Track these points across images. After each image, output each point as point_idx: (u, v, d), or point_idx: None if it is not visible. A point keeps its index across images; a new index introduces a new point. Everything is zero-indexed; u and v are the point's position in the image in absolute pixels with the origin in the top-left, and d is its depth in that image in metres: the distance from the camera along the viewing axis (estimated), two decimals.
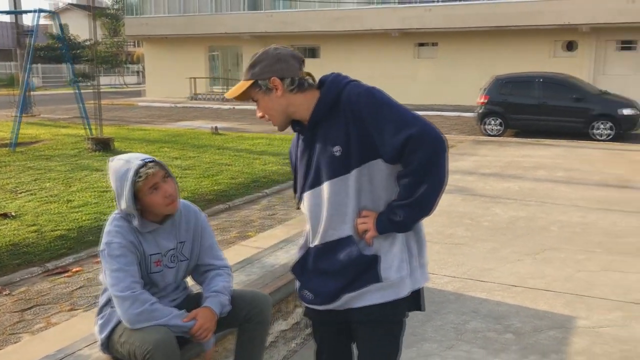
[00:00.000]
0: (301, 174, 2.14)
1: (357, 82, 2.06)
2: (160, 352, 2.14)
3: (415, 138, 1.88)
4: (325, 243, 2.09)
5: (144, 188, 2.28)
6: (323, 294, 2.11)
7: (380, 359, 2.11)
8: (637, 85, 21.48)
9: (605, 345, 3.54)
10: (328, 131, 2.03)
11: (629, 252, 5.32)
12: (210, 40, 29.90)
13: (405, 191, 1.95)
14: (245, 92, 2.06)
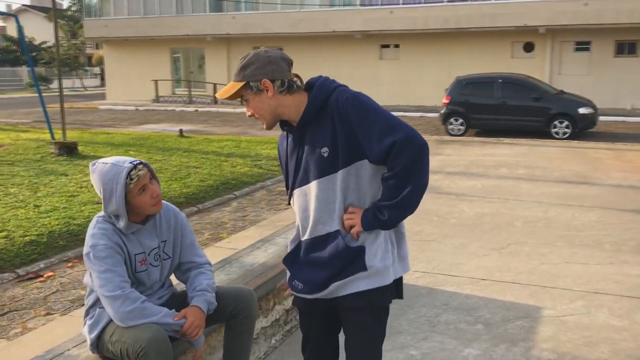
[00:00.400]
0: (291, 172, 2.25)
1: (344, 87, 2.17)
2: (153, 350, 2.21)
3: (400, 144, 2.02)
4: (314, 237, 2.22)
5: (134, 190, 2.35)
6: (312, 283, 2.24)
7: (367, 342, 2.23)
8: (592, 85, 22.23)
9: (570, 333, 3.74)
10: (316, 132, 2.14)
11: (589, 244, 5.57)
12: (173, 42, 29.66)
13: (390, 192, 2.08)
14: (237, 92, 2.14)
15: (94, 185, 2.43)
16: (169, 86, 29.79)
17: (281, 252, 3.88)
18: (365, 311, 2.21)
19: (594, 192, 7.86)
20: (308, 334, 2.43)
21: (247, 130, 17.20)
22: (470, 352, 3.50)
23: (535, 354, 3.47)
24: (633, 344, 3.57)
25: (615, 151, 11.62)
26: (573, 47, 22.93)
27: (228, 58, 28.72)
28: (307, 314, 2.40)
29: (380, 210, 2.10)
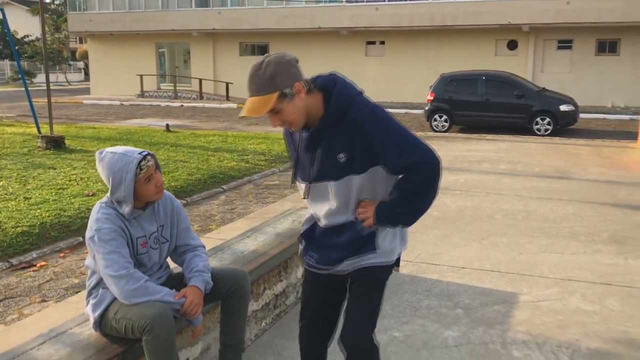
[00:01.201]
0: (306, 166, 2.37)
1: (362, 98, 2.27)
2: (158, 325, 2.36)
3: (418, 165, 2.23)
4: (329, 226, 2.43)
5: (142, 179, 2.51)
6: (326, 260, 2.47)
7: (367, 302, 2.45)
8: (573, 82, 22.62)
9: (544, 317, 3.95)
10: (333, 138, 2.27)
11: (565, 235, 5.80)
12: (158, 37, 29.61)
13: (404, 200, 2.29)
14: (271, 105, 2.12)
15: (100, 172, 2.57)
16: (154, 81, 29.76)
17: (270, 240, 4.05)
18: (370, 282, 2.45)
19: (573, 186, 8.12)
20: (308, 304, 2.65)
21: (233, 125, 17.32)
22: (449, 334, 3.69)
23: (510, 336, 3.67)
24: (603, 327, 3.79)
25: (594, 147, 11.92)
26: (555, 46, 23.31)
27: (214, 53, 28.76)
28: (314, 285, 2.61)
29: (393, 213, 2.31)
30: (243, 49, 28.43)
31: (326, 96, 2.26)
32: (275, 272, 3.86)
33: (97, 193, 7.49)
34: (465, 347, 3.52)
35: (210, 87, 28.41)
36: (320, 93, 2.26)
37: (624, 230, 5.97)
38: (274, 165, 10.13)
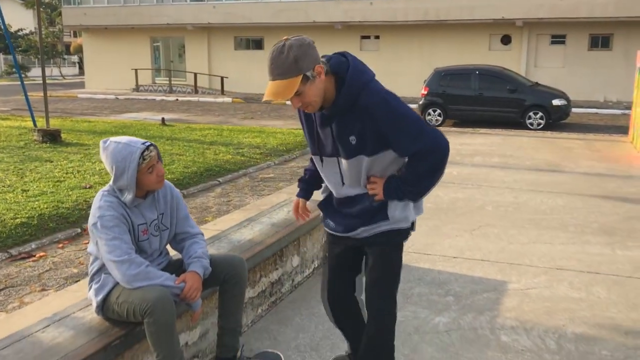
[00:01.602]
0: (323, 140, 2.51)
1: (374, 84, 2.35)
2: (159, 308, 2.46)
3: (429, 150, 2.34)
4: (343, 197, 2.60)
5: (144, 168, 2.61)
6: (343, 225, 2.63)
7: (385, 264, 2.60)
8: (566, 77, 22.78)
9: (532, 304, 4.07)
10: (345, 121, 2.38)
11: (555, 227, 5.93)
12: (153, 31, 29.59)
13: (413, 179, 2.41)
14: (296, 88, 2.19)
15: (104, 161, 2.66)
16: (149, 75, 29.76)
17: (266, 230, 4.15)
18: (386, 245, 2.58)
19: (563, 179, 8.24)
20: (332, 265, 2.79)
21: (228, 119, 17.38)
22: (440, 320, 3.81)
23: (499, 322, 3.79)
24: (589, 313, 3.91)
25: (585, 141, 12.06)
26: (549, 40, 23.44)
27: (209, 47, 28.76)
28: (335, 247, 2.77)
29: (401, 190, 2.44)
30: (238, 43, 28.45)
31: (338, 80, 2.33)
32: (271, 260, 3.96)
33: (95, 185, 7.57)
34: (455, 333, 3.64)
35: (205, 81, 28.43)
36: (333, 76, 2.33)
37: (612, 221, 6.10)
38: (269, 158, 10.23)
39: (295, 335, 3.60)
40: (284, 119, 17.39)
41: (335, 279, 2.81)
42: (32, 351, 2.47)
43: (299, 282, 4.40)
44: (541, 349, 3.43)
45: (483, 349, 3.43)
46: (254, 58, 27.89)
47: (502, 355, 3.36)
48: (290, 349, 3.43)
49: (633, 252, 5.15)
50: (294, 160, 10.26)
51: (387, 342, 2.66)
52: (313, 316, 3.87)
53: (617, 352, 3.40)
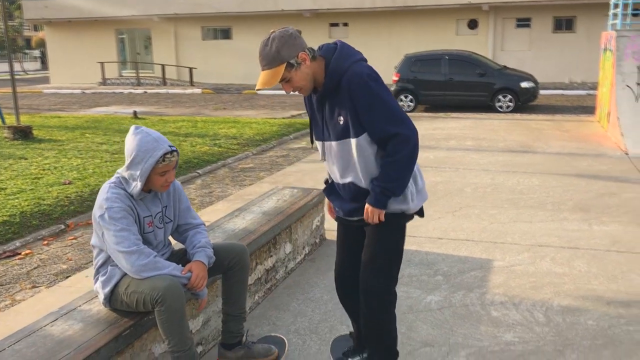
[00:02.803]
0: (318, 124, 2.68)
1: (360, 64, 2.49)
2: (170, 296, 2.51)
3: (402, 138, 2.47)
4: (339, 183, 2.72)
5: (159, 169, 2.64)
6: (345, 210, 2.76)
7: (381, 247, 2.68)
8: (532, 60, 23.20)
9: (518, 279, 4.23)
10: (334, 100, 2.55)
11: (533, 205, 6.12)
12: (118, 23, 29.10)
13: (390, 174, 2.52)
14: (281, 76, 2.42)
15: (127, 144, 2.66)
16: (115, 68, 29.30)
17: (258, 218, 4.22)
18: (384, 228, 2.66)
19: (536, 159, 8.47)
20: (340, 242, 2.92)
21: (200, 110, 17.27)
22: (432, 299, 3.93)
23: (489, 298, 3.93)
24: (572, 286, 4.09)
25: (554, 122, 12.36)
26: (514, 24, 23.81)
27: (175, 38, 28.42)
28: (342, 227, 2.90)
29: (387, 189, 2.53)
30: (205, 33, 28.18)
31: (327, 63, 2.51)
32: (265, 248, 4.03)
33: (74, 181, 7.50)
34: (447, 310, 3.77)
35: (173, 72, 28.13)
36: (323, 59, 2.52)
37: (587, 199, 6.32)
38: (247, 149, 10.24)
39: (293, 320, 3.69)
40: (256, 109, 17.36)
41: (342, 258, 2.91)
42: (45, 344, 2.51)
43: (291, 269, 4.48)
44: (530, 322, 3.59)
45: (475, 324, 3.57)
46: (222, 48, 27.69)
47: (495, 329, 3.50)
48: (290, 333, 3.52)
49: (608, 226, 5.37)
50: (272, 150, 10.30)
51: (383, 321, 2.73)
52: (309, 301, 3.96)
53: (602, 321, 3.57)
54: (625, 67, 9.74)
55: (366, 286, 2.69)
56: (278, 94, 22.63)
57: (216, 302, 3.43)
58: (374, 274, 2.68)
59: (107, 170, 8.19)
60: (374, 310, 2.70)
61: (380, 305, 2.70)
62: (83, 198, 6.82)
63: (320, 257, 4.79)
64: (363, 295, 2.71)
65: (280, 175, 8.04)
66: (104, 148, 10.04)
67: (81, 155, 9.33)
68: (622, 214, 5.75)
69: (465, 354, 3.23)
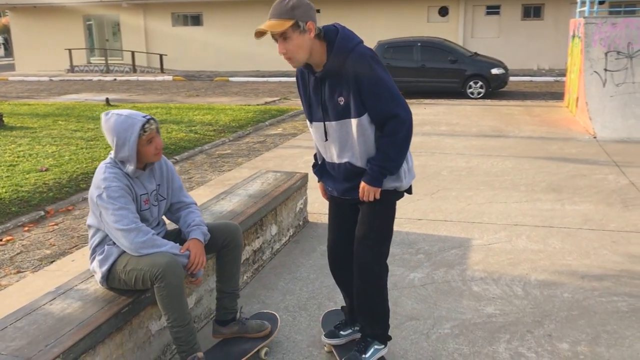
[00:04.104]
0: (314, 106, 2.73)
1: (361, 47, 2.57)
2: (169, 272, 2.58)
3: (401, 120, 2.57)
4: (332, 163, 2.79)
5: (144, 140, 2.69)
6: (337, 189, 2.84)
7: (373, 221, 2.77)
8: (501, 46, 23.54)
9: (496, 257, 4.39)
10: (334, 81, 2.61)
11: (507, 187, 6.31)
12: (85, 9, 28.55)
13: (386, 152, 2.61)
14: (285, 29, 2.44)
15: (106, 132, 2.72)
16: (83, 55, 28.78)
17: (245, 201, 4.29)
18: (376, 203, 2.74)
19: (509, 143, 8.69)
20: (332, 220, 3.00)
21: (172, 97, 17.14)
22: (415, 276, 4.07)
23: (469, 274, 4.09)
24: (548, 262, 4.27)
25: (524, 107, 12.64)
26: (484, 11, 24.11)
27: (145, 25, 28.03)
28: (334, 205, 2.98)
29: (384, 168, 2.63)
30: (175, 19, 27.85)
31: (329, 46, 2.57)
32: (252, 229, 4.11)
33: (51, 168, 7.45)
34: (430, 286, 3.91)
35: (143, 59, 27.76)
36: (324, 42, 2.58)
37: (558, 180, 6.54)
38: (223, 135, 10.26)
39: (282, 298, 3.79)
40: (229, 96, 17.30)
41: (334, 235, 3.00)
42: (46, 322, 2.56)
43: (277, 250, 4.57)
44: (510, 295, 3.75)
45: (458, 298, 3.72)
46: (193, 34, 27.41)
47: (476, 303, 3.65)
48: (280, 310, 3.62)
49: (580, 206, 5.58)
50: (248, 136, 10.33)
51: (375, 293, 2.84)
52: (296, 280, 4.06)
53: (577, 294, 3.75)
54: (593, 53, 10.01)
55: (360, 260, 2.80)
56: (251, 80, 22.56)
57: (207, 281, 3.51)
58: (367, 249, 2.79)
59: (84, 157, 8.13)
60: (367, 283, 2.81)
61: (373, 278, 2.81)
62: (61, 185, 6.78)
63: (304, 238, 4.89)
64: (357, 268, 2.81)
65: (259, 160, 8.10)
66: (78, 135, 9.94)
67: (56, 143, 9.24)
68: (592, 194, 5.97)
69: (449, 326, 3.38)
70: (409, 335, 3.29)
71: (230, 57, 26.88)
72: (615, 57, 9.94)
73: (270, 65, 26.43)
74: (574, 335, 3.25)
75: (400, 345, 3.18)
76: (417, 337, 3.27)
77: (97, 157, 8.07)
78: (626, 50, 9.93)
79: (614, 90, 9.74)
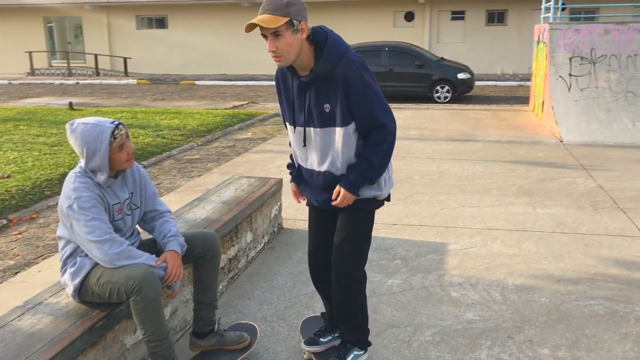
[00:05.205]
0: (297, 111, 2.64)
1: (350, 56, 2.48)
2: (146, 285, 2.47)
3: (388, 130, 2.53)
4: (311, 170, 2.72)
5: (115, 147, 2.58)
6: (316, 200, 2.77)
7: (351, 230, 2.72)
8: (466, 51, 23.87)
9: (473, 261, 4.39)
10: (321, 88, 2.52)
11: (479, 191, 6.35)
12: (46, 11, 27.90)
13: (370, 161, 2.56)
14: (279, 25, 2.32)
15: (73, 143, 2.60)
16: (44, 58, 28.13)
17: (219, 208, 4.20)
18: (356, 212, 2.71)
19: (478, 147, 8.77)
20: (313, 227, 2.93)
21: (137, 101, 16.85)
22: (393, 282, 4.04)
23: (447, 280, 4.07)
24: (523, 266, 4.29)
25: (491, 112, 12.80)
26: (449, 17, 24.41)
27: (108, 27, 27.53)
28: (313, 212, 2.93)
29: (365, 177, 2.59)
30: (140, 22, 27.43)
31: (317, 49, 2.48)
32: (227, 237, 4.02)
33: (13, 175, 7.20)
34: (409, 292, 3.88)
35: (106, 62, 27.27)
36: (312, 45, 2.49)
37: (529, 183, 6.61)
38: (192, 139, 10.09)
39: (259, 308, 3.71)
40: (196, 100, 17.09)
41: (314, 241, 2.94)
42: (15, 339, 2.43)
43: (252, 258, 4.48)
44: (488, 300, 3.74)
45: (437, 304, 3.70)
46: (157, 37, 27.04)
47: (455, 309, 3.64)
48: (258, 320, 3.53)
49: (551, 209, 5.64)
50: (217, 141, 10.19)
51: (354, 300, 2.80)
52: (273, 288, 3.98)
53: (554, 298, 3.77)
54: (558, 58, 10.20)
55: (338, 268, 2.74)
56: (218, 84, 22.34)
57: (183, 291, 3.40)
58: (346, 256, 2.74)
59: (48, 163, 7.89)
60: (346, 290, 2.77)
61: (352, 285, 2.77)
62: (25, 192, 6.55)
63: (279, 245, 4.81)
64: (335, 276, 2.75)
65: (230, 165, 7.98)
66: (41, 140, 9.65)
67: (17, 148, 8.95)
68: (562, 197, 6.05)
69: (430, 333, 3.35)
70: (390, 343, 3.25)
71: (196, 60, 26.60)
72: (579, 63, 10.14)
73: (236, 68, 26.24)
74: (554, 340, 3.25)
75: (381, 354, 3.14)
76: (398, 346, 3.22)
77: (62, 163, 7.84)
78: (589, 56, 10.14)
79: (578, 95, 9.93)
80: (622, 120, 9.49)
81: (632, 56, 10.00)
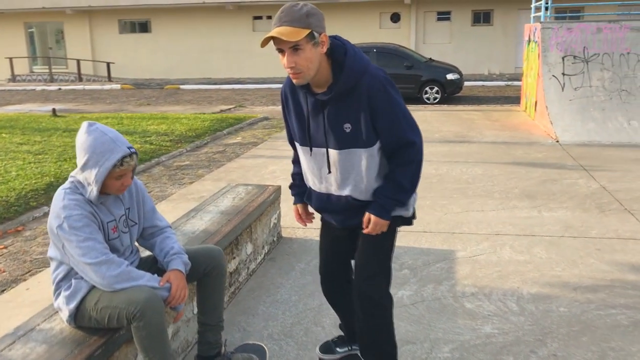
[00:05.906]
0: (313, 131, 2.38)
1: (373, 70, 2.25)
2: (149, 310, 2.25)
3: (416, 147, 2.32)
4: (329, 194, 2.48)
5: (115, 174, 2.35)
6: (335, 221, 2.56)
7: (376, 249, 2.51)
8: (453, 52, 23.83)
9: (484, 269, 4.22)
10: (340, 107, 2.26)
11: (481, 194, 6.18)
12: (27, 16, 27.42)
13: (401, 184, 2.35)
14: (300, 38, 2.08)
15: (79, 143, 2.36)
16: (25, 64, 27.65)
17: (217, 219, 3.98)
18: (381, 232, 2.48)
19: (474, 149, 8.62)
20: (325, 242, 2.72)
21: (122, 107, 16.53)
22: (404, 294, 3.85)
23: (459, 290, 3.89)
24: (537, 273, 4.12)
25: (483, 112, 12.69)
26: (435, 17, 24.36)
27: (91, 32, 27.13)
28: (327, 228, 2.71)
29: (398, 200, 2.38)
30: (122, 27, 27.05)
31: (335, 64, 2.24)
32: (228, 250, 3.80)
33: None
34: (421, 304, 3.69)
35: (89, 68, 26.86)
36: (329, 59, 2.24)
37: (531, 185, 6.46)
38: (180, 145, 9.84)
39: (265, 325, 3.49)
40: (182, 104, 16.82)
41: (327, 257, 2.74)
42: None
43: (253, 270, 4.27)
44: (505, 312, 3.57)
45: (452, 317, 3.51)
46: (140, 42, 26.69)
47: (472, 322, 3.45)
48: (265, 339, 3.32)
49: (557, 212, 5.49)
50: (207, 146, 9.95)
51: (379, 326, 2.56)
52: (277, 303, 3.77)
53: (573, 307, 3.60)
54: (551, 57, 10.10)
55: (361, 292, 2.51)
56: (203, 88, 22.06)
57: (184, 310, 3.18)
58: (369, 280, 2.51)
59: (33, 172, 7.60)
60: (370, 316, 2.54)
61: (377, 310, 2.53)
62: (9, 203, 6.28)
63: (280, 255, 4.60)
64: (358, 301, 2.53)
65: (222, 172, 7.75)
66: (24, 149, 9.34)
67: (0, 157, 8.64)
68: (566, 199, 5.91)
69: (448, 349, 3.16)
70: None
71: (180, 64, 26.28)
72: (572, 62, 10.05)
73: (221, 72, 25.96)
74: (580, 354, 3.08)
75: None
76: None
77: (47, 172, 7.55)
78: (582, 55, 10.06)
79: (572, 94, 9.83)
80: (617, 119, 9.41)
81: (625, 54, 9.94)
